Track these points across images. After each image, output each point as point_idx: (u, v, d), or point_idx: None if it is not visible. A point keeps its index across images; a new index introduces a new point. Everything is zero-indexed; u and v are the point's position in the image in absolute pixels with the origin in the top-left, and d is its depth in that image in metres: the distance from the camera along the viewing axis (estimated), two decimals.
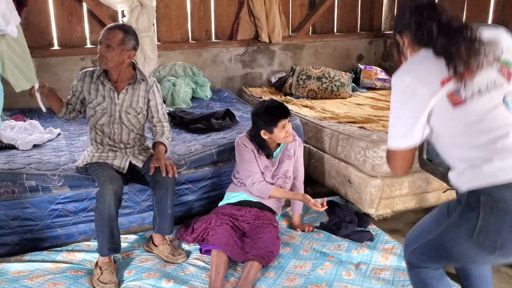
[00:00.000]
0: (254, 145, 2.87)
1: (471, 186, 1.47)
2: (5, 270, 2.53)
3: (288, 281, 2.43)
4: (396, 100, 1.58)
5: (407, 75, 1.54)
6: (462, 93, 1.46)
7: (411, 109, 1.53)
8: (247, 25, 5.24)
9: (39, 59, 4.51)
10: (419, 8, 1.64)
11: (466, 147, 1.50)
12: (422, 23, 1.59)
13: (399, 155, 1.62)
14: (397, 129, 1.59)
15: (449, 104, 1.48)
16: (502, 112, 1.47)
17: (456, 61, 1.44)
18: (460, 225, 1.50)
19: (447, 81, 1.47)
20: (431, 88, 1.49)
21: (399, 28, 1.71)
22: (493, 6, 4.55)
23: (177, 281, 2.43)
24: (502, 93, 1.48)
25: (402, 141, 1.58)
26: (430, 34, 1.55)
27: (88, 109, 2.80)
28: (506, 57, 1.52)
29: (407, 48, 1.69)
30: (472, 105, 1.47)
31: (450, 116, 1.50)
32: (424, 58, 1.55)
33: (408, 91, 1.52)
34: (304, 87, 4.90)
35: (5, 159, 3.02)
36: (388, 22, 5.94)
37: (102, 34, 2.65)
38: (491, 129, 1.46)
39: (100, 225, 2.49)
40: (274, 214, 2.98)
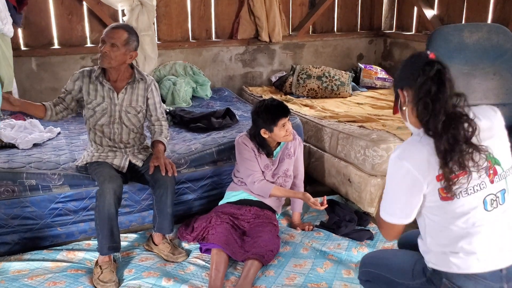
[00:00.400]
0: (254, 144, 2.88)
1: (436, 268, 1.63)
2: (5, 269, 2.53)
3: (288, 279, 2.43)
4: (396, 183, 1.64)
5: (407, 161, 1.58)
6: (452, 191, 1.56)
7: (411, 195, 1.60)
8: (247, 24, 5.24)
9: (39, 58, 4.52)
10: (426, 74, 1.59)
11: (441, 235, 1.62)
12: (429, 105, 1.58)
13: (393, 227, 1.71)
14: (396, 208, 1.66)
15: (438, 196, 1.58)
16: (479, 212, 1.58)
17: (453, 165, 1.53)
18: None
19: (442, 178, 1.56)
20: (428, 179, 1.57)
21: (404, 84, 1.68)
22: (492, 5, 4.55)
23: (177, 280, 2.43)
24: (484, 194, 1.58)
25: (399, 220, 1.67)
26: (434, 123, 1.57)
27: (87, 110, 2.78)
28: (496, 156, 1.60)
29: (406, 104, 1.69)
30: (457, 202, 1.57)
31: (435, 206, 1.60)
32: (424, 148, 1.58)
33: (408, 178, 1.58)
34: (304, 86, 4.90)
35: (5, 158, 3.02)
36: (388, 22, 5.94)
37: (106, 33, 2.63)
38: (466, 226, 1.58)
39: (100, 224, 2.49)
40: (274, 213, 2.98)
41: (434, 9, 5.19)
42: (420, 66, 1.62)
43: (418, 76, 1.60)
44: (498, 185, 1.60)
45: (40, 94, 4.54)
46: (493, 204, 1.59)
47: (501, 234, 1.60)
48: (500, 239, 1.60)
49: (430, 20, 5.09)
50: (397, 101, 1.75)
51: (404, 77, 1.69)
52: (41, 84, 4.54)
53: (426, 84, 1.58)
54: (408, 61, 1.71)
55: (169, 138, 2.95)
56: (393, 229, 1.71)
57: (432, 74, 1.58)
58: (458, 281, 1.59)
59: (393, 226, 1.70)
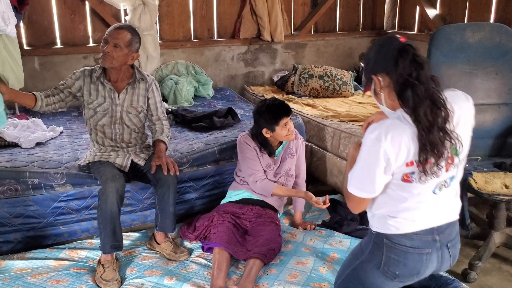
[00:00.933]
0: (256, 143, 2.88)
1: (379, 231, 1.84)
2: (8, 267, 2.54)
3: (290, 276, 2.43)
4: (367, 158, 1.70)
5: (384, 143, 1.63)
6: (414, 176, 1.68)
7: (379, 171, 1.68)
8: (249, 24, 5.25)
9: (42, 58, 4.53)
10: (404, 60, 1.64)
11: (388, 204, 1.78)
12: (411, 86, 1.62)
13: (362, 201, 1.80)
14: (363, 183, 1.74)
15: (400, 177, 1.70)
16: (428, 194, 1.73)
17: (428, 154, 1.62)
18: (370, 260, 1.88)
19: (411, 164, 1.66)
20: (399, 163, 1.66)
21: (378, 69, 1.71)
22: (495, 5, 4.55)
23: (179, 279, 2.43)
24: (438, 181, 1.71)
25: (365, 194, 1.76)
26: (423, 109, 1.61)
27: (88, 110, 2.78)
28: (457, 147, 1.69)
29: (381, 89, 1.73)
30: (413, 185, 1.70)
31: (395, 183, 1.73)
32: (402, 133, 1.64)
33: (383, 160, 1.65)
34: (306, 86, 4.90)
35: (8, 157, 3.03)
36: (390, 21, 5.94)
37: (110, 32, 2.63)
38: (411, 202, 1.74)
39: (103, 223, 2.49)
40: (276, 212, 2.98)
41: (437, 8, 5.19)
42: (394, 51, 1.66)
43: (395, 62, 1.64)
44: (450, 173, 1.73)
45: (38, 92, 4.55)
46: (441, 188, 1.74)
47: (437, 208, 1.78)
48: (435, 211, 1.78)
49: (432, 20, 5.09)
50: (369, 85, 1.78)
51: (379, 62, 1.71)
52: (44, 84, 4.55)
53: (407, 68, 1.62)
54: (380, 47, 1.73)
55: (170, 137, 2.95)
56: (362, 203, 1.81)
57: (410, 58, 1.63)
58: (396, 240, 1.79)
59: (362, 200, 1.79)
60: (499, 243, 2.77)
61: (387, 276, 1.83)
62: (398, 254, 1.80)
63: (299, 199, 3.02)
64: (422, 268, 1.81)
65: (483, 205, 3.21)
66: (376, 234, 1.86)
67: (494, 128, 3.04)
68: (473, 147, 2.92)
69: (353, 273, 1.94)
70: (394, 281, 1.84)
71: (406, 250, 1.79)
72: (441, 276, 2.13)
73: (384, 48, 1.71)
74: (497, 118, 3.05)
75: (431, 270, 1.86)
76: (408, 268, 1.81)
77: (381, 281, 1.86)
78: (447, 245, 1.83)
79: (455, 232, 1.86)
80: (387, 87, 1.70)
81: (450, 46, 3.00)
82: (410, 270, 1.81)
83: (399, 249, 1.79)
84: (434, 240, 1.79)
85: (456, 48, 3.01)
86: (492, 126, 3.04)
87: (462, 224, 2.62)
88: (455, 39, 3.00)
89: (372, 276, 1.87)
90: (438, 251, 1.81)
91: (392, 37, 1.74)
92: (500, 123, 3.05)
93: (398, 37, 1.71)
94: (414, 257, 1.79)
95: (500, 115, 3.05)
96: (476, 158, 2.93)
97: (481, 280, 2.62)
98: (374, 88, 1.76)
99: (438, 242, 1.80)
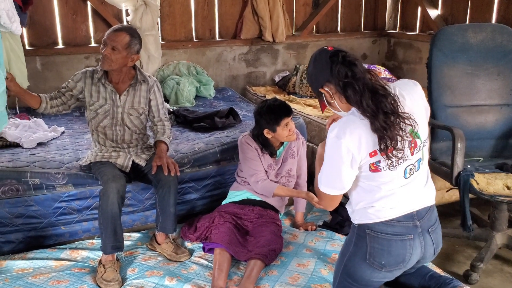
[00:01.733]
0: (257, 143, 2.88)
1: (360, 222, 1.91)
2: (9, 267, 2.54)
3: (291, 279, 2.43)
4: (331, 156, 1.81)
5: (344, 140, 1.74)
6: (381, 164, 1.78)
7: (345, 167, 1.78)
8: (251, 24, 5.24)
9: (44, 58, 4.53)
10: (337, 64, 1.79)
11: (365, 196, 1.88)
12: (354, 85, 1.77)
13: (333, 198, 1.90)
14: (333, 181, 1.84)
15: (368, 169, 1.80)
16: (399, 179, 1.83)
17: (386, 140, 1.73)
18: (356, 253, 1.93)
19: (374, 154, 1.77)
20: (362, 155, 1.77)
21: (322, 81, 1.86)
22: (497, 6, 4.54)
23: (180, 279, 2.43)
24: (406, 165, 1.82)
25: (336, 191, 1.86)
26: (366, 101, 1.75)
27: (89, 111, 2.78)
28: (417, 131, 1.82)
29: (332, 98, 1.87)
30: (383, 174, 1.81)
31: (365, 175, 1.83)
32: (358, 127, 1.76)
33: (346, 155, 1.76)
34: (307, 86, 4.89)
35: (9, 157, 3.03)
36: (392, 21, 5.93)
37: (108, 35, 2.61)
38: (385, 190, 1.84)
39: (104, 223, 2.49)
40: (277, 213, 2.98)
41: (438, 9, 5.18)
42: (326, 60, 1.82)
43: (330, 69, 1.80)
44: (416, 156, 1.84)
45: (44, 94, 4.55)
46: (411, 172, 1.85)
47: (413, 190, 1.87)
48: (411, 194, 1.87)
49: (434, 20, 5.09)
50: (322, 100, 1.92)
51: (319, 75, 1.87)
52: (46, 84, 4.55)
53: (342, 71, 1.78)
54: (314, 62, 1.89)
55: (172, 138, 2.95)
56: (333, 200, 1.91)
57: (340, 61, 1.79)
58: (377, 228, 1.86)
59: (334, 197, 1.89)
60: (500, 245, 2.76)
61: (374, 267, 1.88)
62: (382, 243, 1.86)
63: (300, 200, 3.02)
64: (407, 254, 1.87)
65: (484, 206, 3.20)
66: (358, 226, 1.93)
67: (496, 129, 3.03)
68: (475, 148, 2.96)
69: (344, 270, 1.99)
70: (381, 271, 1.89)
71: (389, 238, 1.85)
72: (441, 275, 2.14)
73: (317, 61, 1.87)
74: (499, 119, 3.04)
75: (416, 257, 1.91)
76: (393, 256, 1.86)
77: (369, 272, 1.91)
78: (428, 231, 1.90)
79: (434, 217, 1.95)
80: (335, 93, 1.85)
81: (452, 46, 2.99)
82: (395, 258, 1.87)
83: (381, 237, 1.86)
84: (415, 225, 1.87)
85: (458, 49, 3.00)
86: (494, 127, 3.04)
87: (464, 225, 2.62)
88: (457, 39, 3.00)
89: (360, 269, 1.92)
90: (420, 236, 1.88)
91: (322, 49, 1.89)
92: (502, 124, 3.04)
93: (326, 47, 1.87)
94: (397, 244, 1.85)
95: (502, 116, 3.04)
96: (477, 159, 2.92)
97: (483, 281, 2.61)
98: (326, 100, 1.90)
99: (419, 227, 1.88)
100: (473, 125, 3.02)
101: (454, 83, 2.99)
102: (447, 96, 2.99)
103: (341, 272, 2.01)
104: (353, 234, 1.97)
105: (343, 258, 2.01)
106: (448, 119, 2.97)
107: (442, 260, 2.78)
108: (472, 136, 2.90)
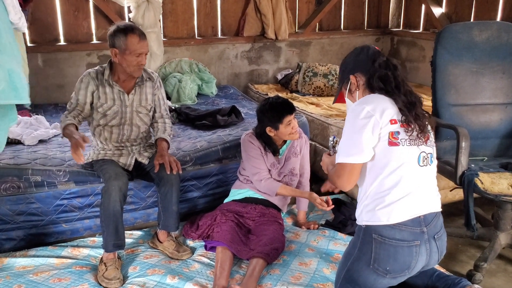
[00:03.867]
0: (260, 142, 2.86)
1: (367, 223, 1.88)
2: (10, 264, 2.53)
3: (294, 278, 2.42)
4: (352, 123, 1.85)
5: (366, 104, 1.84)
6: (400, 136, 1.83)
7: (365, 131, 1.81)
8: (253, 22, 5.22)
9: (45, 54, 4.52)
10: (381, 60, 1.93)
11: (374, 190, 1.87)
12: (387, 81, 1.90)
13: (348, 168, 1.87)
14: (349, 147, 1.85)
15: (387, 140, 1.82)
16: (413, 164, 1.86)
17: (407, 115, 1.83)
18: (360, 258, 1.90)
19: (394, 122, 1.83)
20: (383, 120, 1.82)
21: (357, 69, 1.98)
22: (502, 4, 4.51)
23: (181, 278, 2.42)
24: (420, 150, 1.87)
25: (355, 158, 1.84)
26: (392, 91, 1.89)
27: (96, 113, 2.75)
28: (430, 133, 1.94)
29: (357, 87, 1.98)
30: (400, 149, 1.83)
31: (381, 152, 1.84)
32: (381, 98, 1.89)
33: (366, 117, 1.81)
34: (310, 84, 4.88)
35: (11, 154, 3.02)
36: (396, 19, 5.90)
37: (142, 45, 2.61)
38: (397, 177, 1.83)
39: (105, 221, 2.48)
40: (279, 212, 2.96)
41: (442, 7, 5.15)
42: (372, 54, 1.95)
43: (372, 61, 1.92)
44: (429, 148, 1.91)
45: (46, 91, 4.55)
46: (424, 162, 1.88)
47: (423, 188, 1.88)
48: (420, 193, 1.86)
49: (438, 18, 5.05)
50: (345, 87, 2.03)
51: (357, 63, 1.98)
52: (47, 81, 4.55)
53: (383, 66, 1.91)
54: (358, 53, 2.01)
55: (172, 135, 2.94)
56: (352, 172, 1.87)
57: (384, 59, 1.94)
58: (384, 232, 1.84)
59: (353, 169, 1.86)
60: (504, 244, 2.74)
61: (379, 273, 1.86)
62: (388, 249, 1.84)
63: (303, 199, 3.00)
64: (412, 261, 1.85)
65: (488, 205, 3.18)
66: (364, 230, 1.90)
67: (501, 128, 3.01)
68: (479, 147, 2.94)
69: (347, 274, 1.97)
70: (386, 277, 1.87)
71: (395, 244, 1.83)
72: (448, 275, 2.12)
73: (362, 52, 1.99)
74: (503, 118, 3.02)
75: (421, 264, 1.89)
76: (399, 263, 1.85)
77: (373, 278, 1.89)
78: (434, 237, 1.89)
79: (440, 224, 1.95)
80: (362, 85, 1.96)
81: (457, 45, 2.97)
82: (401, 265, 1.85)
83: (388, 243, 1.84)
84: (422, 231, 1.86)
85: (463, 47, 2.98)
86: (499, 126, 3.01)
87: (468, 224, 2.60)
88: (462, 37, 2.97)
89: (364, 274, 1.90)
90: (426, 243, 1.87)
91: (369, 45, 2.04)
92: (507, 123, 3.01)
93: (374, 46, 2.02)
94: (404, 251, 1.84)
95: (507, 114, 3.02)
96: (482, 158, 2.90)
97: (486, 281, 2.60)
98: (349, 88, 2.00)
99: (426, 234, 1.86)
100: (478, 124, 3.00)
101: (459, 81, 2.97)
102: (452, 94, 2.96)
103: (343, 275, 1.99)
104: (358, 238, 1.95)
105: (346, 262, 1.99)
106: (452, 117, 2.94)
107: (446, 260, 2.75)
108: (476, 135, 2.88)
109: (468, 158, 2.59)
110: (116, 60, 2.62)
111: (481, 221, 3.02)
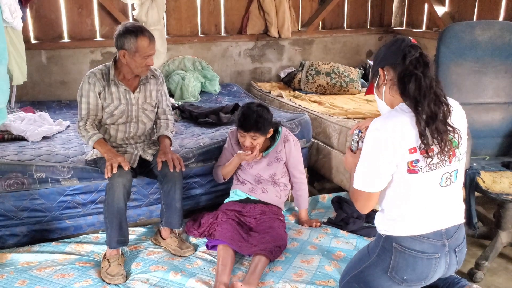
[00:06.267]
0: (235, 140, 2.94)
1: (388, 234, 1.84)
2: (14, 260, 2.55)
3: (296, 275, 2.43)
4: (371, 151, 1.76)
5: (386, 132, 1.72)
6: (419, 164, 1.73)
7: (383, 161, 1.73)
8: (256, 20, 5.23)
9: (49, 51, 4.54)
10: (412, 55, 1.76)
11: (397, 205, 1.82)
12: (415, 81, 1.73)
13: (364, 196, 1.82)
14: (370, 176, 1.78)
15: (405, 168, 1.74)
16: (435, 187, 1.78)
17: (429, 140, 1.70)
18: (378, 264, 1.88)
19: (414, 151, 1.72)
20: (402, 150, 1.72)
21: (386, 62, 1.83)
22: (504, 3, 4.51)
23: (184, 274, 2.43)
24: (443, 172, 1.78)
25: (373, 188, 1.79)
26: (417, 98, 1.73)
27: (103, 113, 2.75)
28: (459, 145, 1.80)
29: (384, 82, 1.84)
30: (420, 176, 1.75)
31: (401, 177, 1.77)
32: (403, 121, 1.73)
33: (386, 147, 1.71)
34: (313, 83, 4.89)
35: (15, 151, 3.04)
36: (398, 18, 5.90)
37: (151, 47, 2.60)
38: (419, 198, 1.78)
39: (109, 217, 2.50)
40: (279, 209, 2.97)
41: (445, 6, 5.15)
42: (404, 47, 1.79)
43: (403, 56, 1.76)
44: (454, 166, 1.80)
45: (49, 87, 4.57)
46: (447, 182, 1.80)
47: (445, 205, 1.83)
48: (443, 209, 1.82)
49: (441, 17, 5.06)
50: (375, 79, 1.89)
51: (388, 56, 1.83)
52: (51, 77, 4.56)
53: (414, 62, 1.75)
54: (392, 43, 1.85)
55: (175, 132, 2.96)
56: (369, 199, 1.82)
57: (417, 55, 1.76)
58: (405, 243, 1.80)
59: (370, 196, 1.81)
60: (506, 243, 2.75)
61: (395, 281, 1.84)
62: (407, 259, 1.81)
63: (301, 197, 3.00)
64: (430, 273, 1.83)
65: (490, 204, 3.19)
66: (385, 238, 1.86)
67: (503, 127, 3.02)
68: (481, 146, 2.95)
69: (359, 275, 1.95)
70: (401, 285, 1.85)
71: (415, 255, 1.80)
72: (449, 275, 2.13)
73: (395, 44, 1.83)
74: (505, 117, 3.02)
75: (438, 275, 1.87)
76: (417, 273, 1.82)
77: (388, 285, 1.87)
78: (455, 250, 1.86)
79: (462, 236, 1.90)
80: (390, 80, 1.82)
81: (459, 44, 2.97)
82: (418, 275, 1.83)
83: (408, 253, 1.80)
84: (443, 244, 1.82)
85: (465, 46, 2.98)
86: (501, 125, 3.02)
87: (469, 223, 2.61)
88: (464, 37, 2.98)
89: (379, 280, 1.88)
90: (446, 256, 1.83)
91: (405, 37, 1.87)
92: (508, 122, 3.02)
93: (411, 38, 1.85)
94: (423, 262, 1.81)
95: (508, 114, 3.02)
96: (484, 157, 2.91)
97: (488, 280, 2.61)
98: (377, 82, 1.88)
99: (447, 246, 1.83)
100: (480, 123, 3.00)
101: (461, 80, 2.97)
102: (454, 93, 2.96)
103: (355, 275, 1.97)
104: (377, 245, 1.90)
105: (360, 263, 1.96)
106: None
107: None
108: (478, 134, 2.88)
109: (470, 157, 2.60)
110: (125, 61, 2.62)
111: (482, 220, 3.03)
